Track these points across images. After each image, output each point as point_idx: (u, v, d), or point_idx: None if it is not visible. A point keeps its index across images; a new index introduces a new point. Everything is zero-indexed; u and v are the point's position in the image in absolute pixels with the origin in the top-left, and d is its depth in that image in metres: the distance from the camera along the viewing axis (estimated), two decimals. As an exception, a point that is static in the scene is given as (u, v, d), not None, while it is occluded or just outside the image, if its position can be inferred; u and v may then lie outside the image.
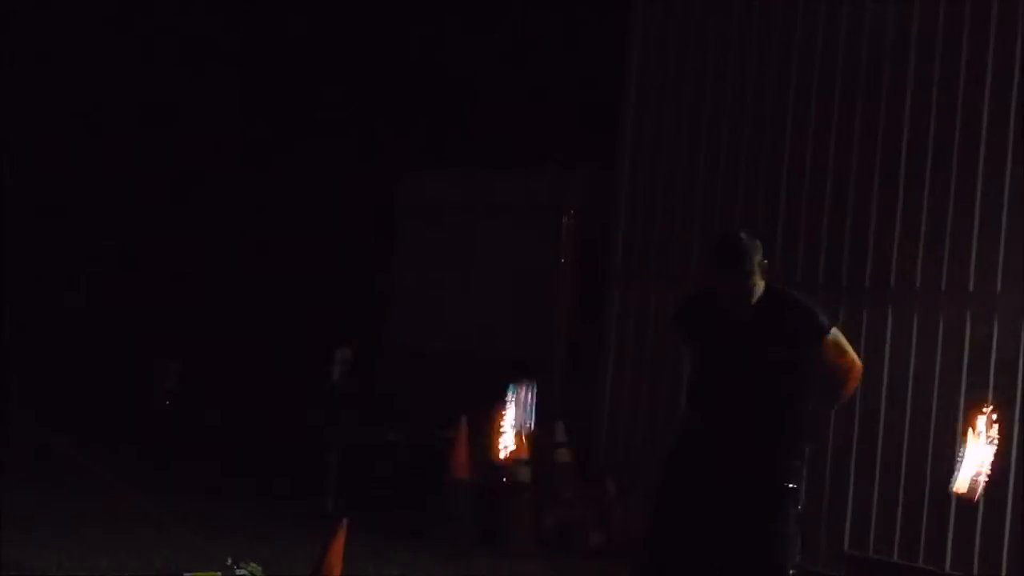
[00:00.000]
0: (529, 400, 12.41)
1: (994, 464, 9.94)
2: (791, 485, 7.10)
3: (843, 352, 7.36)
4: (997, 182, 11.46)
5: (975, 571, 11.32)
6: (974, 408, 9.43)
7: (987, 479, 8.70)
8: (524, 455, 12.68)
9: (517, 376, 13.09)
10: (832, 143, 12.50)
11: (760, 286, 7.36)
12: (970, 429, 8.74)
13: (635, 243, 13.80)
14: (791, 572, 7.10)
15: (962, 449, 8.70)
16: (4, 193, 16.04)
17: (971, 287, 11.60)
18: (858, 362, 7.45)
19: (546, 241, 14.53)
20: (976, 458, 8.59)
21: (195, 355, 16.56)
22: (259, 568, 10.15)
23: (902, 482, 11.79)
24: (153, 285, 17.24)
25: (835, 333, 7.39)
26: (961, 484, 8.63)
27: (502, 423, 12.29)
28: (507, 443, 12.39)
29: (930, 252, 11.81)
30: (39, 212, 17.02)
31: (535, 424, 12.90)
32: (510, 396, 11.75)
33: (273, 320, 16.64)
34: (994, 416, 8.88)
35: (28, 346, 16.02)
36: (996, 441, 8.78)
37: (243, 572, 10.11)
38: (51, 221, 17.21)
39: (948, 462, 11.51)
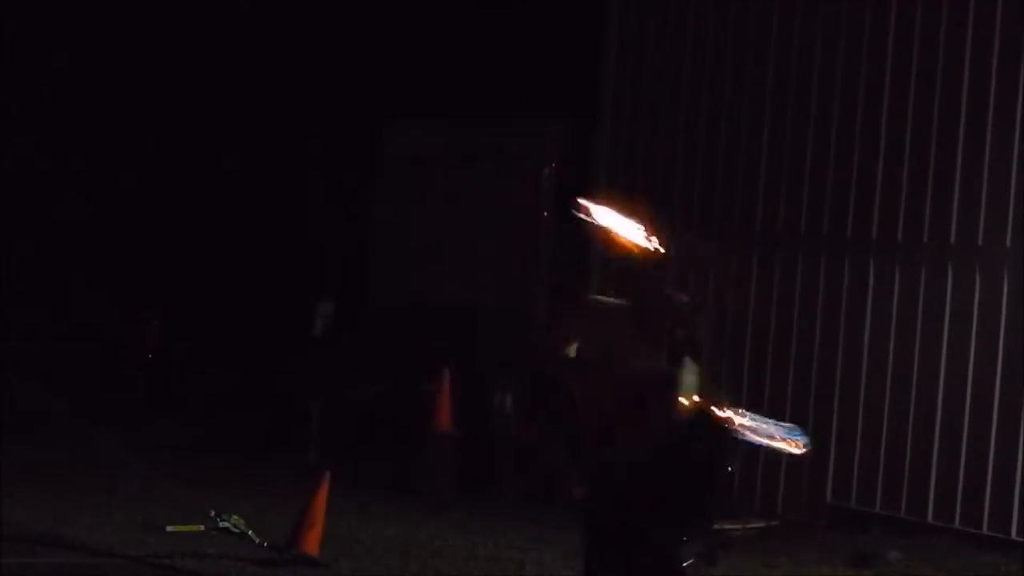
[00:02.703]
0: None
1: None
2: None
3: None
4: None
5: (956, 522, 11.37)
6: None
7: None
8: None
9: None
10: (814, 89, 12.49)
11: None
12: None
13: (617, 190, 13.76)
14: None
15: None
16: None
17: (952, 240, 11.61)
18: None
19: (529, 192, 14.50)
20: None
21: (177, 310, 16.52)
22: (242, 520, 10.17)
23: (884, 433, 11.83)
24: (136, 239, 17.17)
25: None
26: None
27: None
28: None
29: (919, 209, 11.83)
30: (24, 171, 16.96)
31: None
32: None
33: (256, 274, 16.59)
34: None
35: (10, 304, 15.99)
36: None
37: (226, 524, 10.14)
38: (36, 177, 17.14)
39: (930, 414, 11.61)
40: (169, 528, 10.25)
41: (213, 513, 10.22)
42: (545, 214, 14.39)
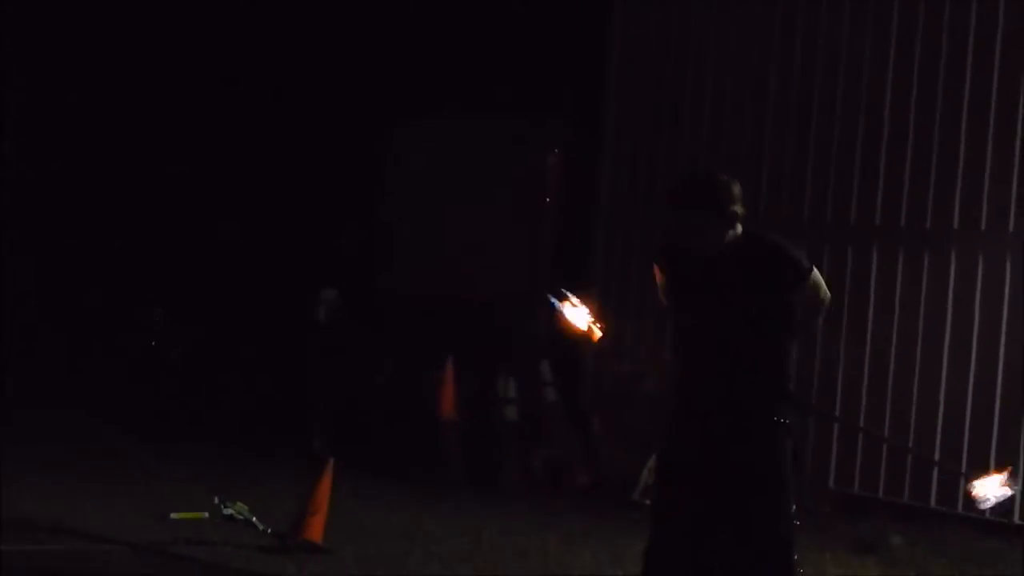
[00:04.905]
0: None
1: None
2: (780, 419, 6.88)
3: (819, 288, 7.02)
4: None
5: (959, 507, 11.37)
6: None
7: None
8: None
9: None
10: (818, 78, 12.49)
11: (730, 230, 6.90)
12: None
13: (621, 181, 13.79)
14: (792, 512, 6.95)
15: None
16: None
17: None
18: (828, 294, 7.10)
19: (533, 181, 14.52)
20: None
21: (180, 299, 16.53)
22: (246, 507, 10.20)
23: (887, 419, 11.84)
24: (136, 229, 17.17)
25: (815, 273, 7.02)
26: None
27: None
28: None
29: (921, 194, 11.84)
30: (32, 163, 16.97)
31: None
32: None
33: (260, 263, 16.60)
34: None
35: (14, 292, 16.01)
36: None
37: (230, 512, 10.17)
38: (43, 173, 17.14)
39: (932, 399, 11.62)
40: (173, 515, 10.28)
41: (217, 500, 10.25)
42: (548, 201, 14.41)
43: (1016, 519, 11.07)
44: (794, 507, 6.85)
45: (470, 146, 15.10)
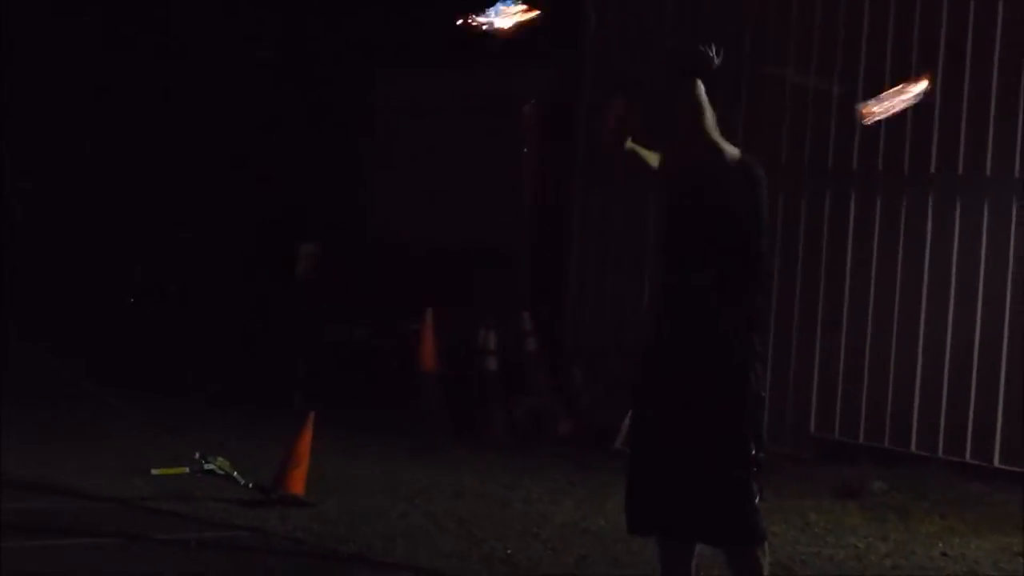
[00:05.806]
0: None
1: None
2: (741, 364, 6.81)
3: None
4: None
5: (940, 451, 11.42)
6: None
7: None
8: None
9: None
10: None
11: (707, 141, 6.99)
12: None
13: (599, 131, 13.73)
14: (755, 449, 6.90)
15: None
16: None
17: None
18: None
19: (515, 135, 14.49)
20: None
21: (162, 253, 16.50)
22: (227, 462, 10.19)
23: (867, 363, 11.86)
24: (119, 183, 17.11)
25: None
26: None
27: None
28: None
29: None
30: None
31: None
32: None
33: (242, 217, 16.56)
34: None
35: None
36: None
37: (211, 467, 10.16)
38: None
39: (912, 343, 11.65)
40: (154, 471, 10.27)
41: (198, 455, 10.24)
42: (525, 151, 14.39)
43: (996, 462, 11.12)
44: (754, 451, 6.78)
45: (449, 96, 15.06)
